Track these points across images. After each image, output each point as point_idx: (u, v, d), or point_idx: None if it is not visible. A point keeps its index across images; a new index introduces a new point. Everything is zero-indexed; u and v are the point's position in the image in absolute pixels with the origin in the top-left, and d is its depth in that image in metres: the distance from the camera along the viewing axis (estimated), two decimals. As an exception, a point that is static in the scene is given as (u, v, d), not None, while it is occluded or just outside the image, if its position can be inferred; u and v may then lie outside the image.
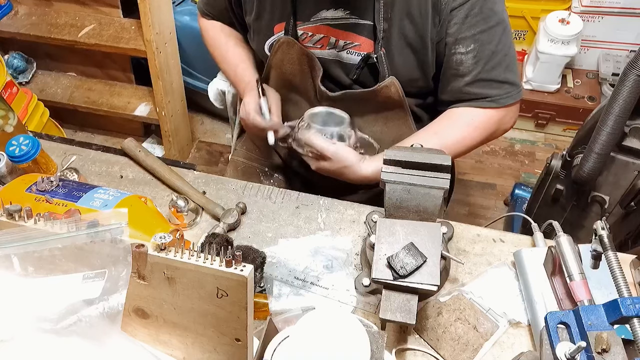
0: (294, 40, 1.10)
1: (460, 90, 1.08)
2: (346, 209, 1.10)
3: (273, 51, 1.14)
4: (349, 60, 1.10)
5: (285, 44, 1.12)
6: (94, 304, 0.69)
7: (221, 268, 0.66)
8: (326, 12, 1.05)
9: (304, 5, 1.07)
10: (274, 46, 1.13)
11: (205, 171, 1.21)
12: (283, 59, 1.15)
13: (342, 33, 1.07)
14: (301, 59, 1.13)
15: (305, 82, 1.17)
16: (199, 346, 0.76)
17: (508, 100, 1.07)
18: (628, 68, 1.15)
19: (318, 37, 1.09)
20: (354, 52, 1.09)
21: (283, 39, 1.11)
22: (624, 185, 1.35)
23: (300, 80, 1.17)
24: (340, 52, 1.09)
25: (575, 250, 0.86)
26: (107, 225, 0.70)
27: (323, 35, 1.08)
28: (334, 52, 1.10)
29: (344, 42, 1.08)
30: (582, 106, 2.39)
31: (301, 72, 1.15)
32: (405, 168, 0.89)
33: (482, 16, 1.00)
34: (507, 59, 1.05)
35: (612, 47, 2.44)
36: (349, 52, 1.09)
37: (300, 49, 1.11)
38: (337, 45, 1.09)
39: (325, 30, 1.08)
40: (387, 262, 0.82)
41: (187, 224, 1.08)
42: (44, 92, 2.32)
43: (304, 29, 1.09)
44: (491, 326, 0.90)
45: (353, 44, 1.07)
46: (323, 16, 1.06)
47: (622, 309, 0.64)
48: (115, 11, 2.12)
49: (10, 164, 1.10)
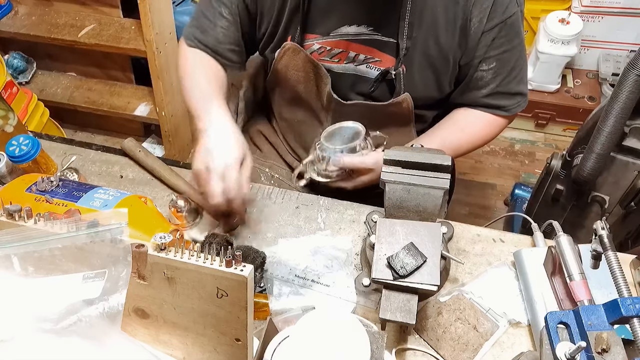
0: (299, 47, 1.09)
1: (476, 100, 1.14)
2: (346, 209, 1.10)
3: (278, 56, 1.13)
4: (367, 74, 1.11)
5: (291, 50, 1.11)
6: (94, 304, 0.69)
7: (221, 268, 0.66)
8: (348, 28, 1.06)
9: (324, 21, 1.07)
10: (280, 52, 1.12)
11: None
12: (288, 64, 1.14)
13: (364, 48, 1.08)
14: (306, 66, 1.12)
15: (309, 89, 1.16)
16: (199, 346, 0.76)
17: (517, 109, 1.15)
18: (628, 68, 1.15)
19: (337, 51, 1.09)
20: (374, 67, 1.10)
21: (289, 44, 1.10)
22: (624, 185, 1.35)
23: (304, 88, 1.17)
24: (359, 65, 1.10)
25: (575, 250, 0.86)
26: (107, 225, 0.70)
27: (342, 50, 1.09)
28: (352, 66, 1.11)
29: (365, 57, 1.09)
30: (582, 106, 2.39)
31: (306, 79, 1.15)
32: (405, 168, 0.89)
33: (508, 38, 1.04)
34: (521, 72, 1.11)
35: (612, 47, 2.45)
36: (368, 67, 1.10)
37: (306, 57, 1.10)
38: (356, 60, 1.09)
39: (345, 45, 1.08)
40: (387, 262, 0.82)
41: (187, 224, 1.08)
42: (44, 92, 2.32)
43: (322, 43, 1.09)
44: (491, 326, 0.90)
45: (374, 59, 1.08)
46: (344, 32, 1.06)
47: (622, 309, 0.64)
48: (115, 11, 2.11)
49: (10, 164, 1.10)
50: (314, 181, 1.12)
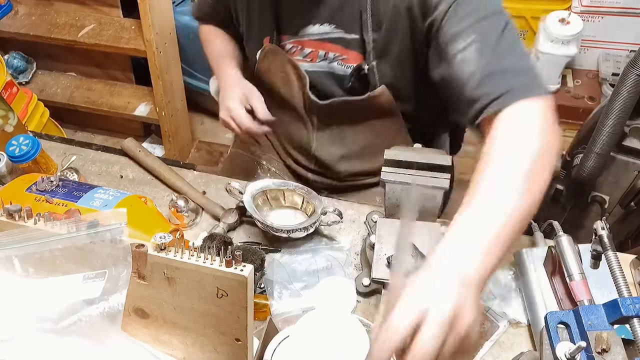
0: (278, 49, 1.09)
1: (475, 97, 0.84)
2: (346, 209, 1.09)
3: (259, 60, 1.14)
4: (341, 71, 1.08)
5: (271, 53, 1.11)
6: (94, 304, 0.69)
7: (221, 268, 0.66)
8: (313, 27, 1.04)
9: (290, 20, 1.06)
10: (260, 55, 1.13)
11: (205, 171, 1.22)
12: (269, 67, 1.14)
13: (331, 46, 1.05)
14: (286, 68, 1.12)
15: (291, 91, 1.15)
16: (199, 346, 0.76)
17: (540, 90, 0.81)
18: (628, 68, 1.15)
19: (307, 50, 1.08)
20: (344, 64, 1.07)
21: (268, 47, 1.10)
22: (624, 185, 1.35)
23: (287, 90, 1.16)
24: (332, 63, 1.08)
25: (575, 250, 0.86)
26: (107, 225, 0.70)
27: (312, 50, 1.07)
28: (325, 64, 1.09)
29: (334, 55, 1.06)
30: (582, 106, 2.39)
31: (287, 80, 1.14)
32: (405, 168, 0.89)
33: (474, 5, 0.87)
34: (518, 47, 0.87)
35: (612, 47, 2.44)
36: (339, 64, 1.07)
37: (285, 58, 1.09)
38: (327, 57, 1.07)
39: (314, 45, 1.07)
40: (387, 262, 0.82)
41: (187, 224, 1.08)
42: (44, 92, 2.32)
43: (292, 43, 1.08)
44: (491, 326, 0.90)
45: (342, 56, 1.06)
46: (310, 31, 1.05)
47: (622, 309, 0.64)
48: (115, 11, 2.12)
49: (10, 164, 1.10)
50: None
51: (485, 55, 0.84)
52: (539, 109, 0.78)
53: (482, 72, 0.83)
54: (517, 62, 0.84)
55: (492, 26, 0.85)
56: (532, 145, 0.73)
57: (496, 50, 0.84)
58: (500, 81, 0.82)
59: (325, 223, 1.02)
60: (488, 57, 0.84)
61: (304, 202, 1.06)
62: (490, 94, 0.81)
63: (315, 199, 1.04)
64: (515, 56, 0.85)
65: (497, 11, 0.88)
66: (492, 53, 0.84)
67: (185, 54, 2.21)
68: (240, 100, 1.15)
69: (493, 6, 0.88)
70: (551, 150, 0.74)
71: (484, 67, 0.83)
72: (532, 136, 0.74)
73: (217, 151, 2.51)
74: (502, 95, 0.80)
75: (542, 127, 0.76)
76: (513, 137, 0.75)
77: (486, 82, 0.83)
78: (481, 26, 0.85)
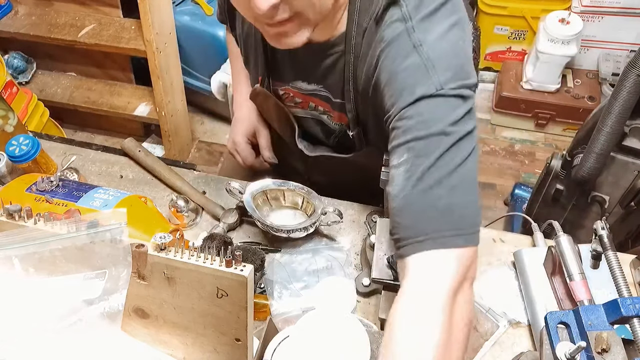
0: (268, 94, 1.06)
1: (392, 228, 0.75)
2: (346, 209, 1.09)
3: (251, 97, 1.12)
4: (329, 124, 1.06)
5: (262, 95, 1.09)
6: (94, 304, 0.69)
7: (221, 268, 0.66)
8: (301, 83, 1.01)
9: (282, 72, 1.04)
10: (252, 94, 1.11)
11: (205, 171, 1.22)
12: (262, 106, 1.15)
13: (319, 102, 1.03)
14: (278, 112, 1.10)
15: (284, 130, 1.15)
16: (199, 346, 0.76)
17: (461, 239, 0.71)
18: (628, 68, 1.15)
19: (298, 100, 1.06)
20: (332, 121, 1.05)
21: (258, 89, 1.07)
22: (624, 185, 1.35)
23: (279, 128, 1.17)
24: (321, 115, 1.06)
25: (575, 250, 0.86)
26: (107, 225, 0.70)
27: (302, 100, 1.06)
28: (316, 114, 1.07)
29: (322, 109, 1.04)
30: (582, 106, 2.39)
31: (279, 122, 1.14)
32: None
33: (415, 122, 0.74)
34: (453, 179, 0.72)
35: (612, 47, 2.45)
36: (328, 117, 1.05)
37: (276, 103, 1.08)
38: (317, 109, 1.05)
39: (304, 97, 1.05)
40: (387, 262, 0.82)
41: (187, 224, 1.08)
42: (44, 92, 2.32)
43: (285, 90, 1.06)
44: (491, 326, 0.90)
45: (329, 113, 1.03)
46: (299, 86, 1.02)
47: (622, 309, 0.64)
48: (115, 11, 2.11)
49: (10, 164, 1.10)
50: None
51: (410, 183, 0.73)
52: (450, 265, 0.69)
53: (403, 201, 0.73)
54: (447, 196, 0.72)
55: (429, 150, 0.73)
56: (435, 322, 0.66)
57: (423, 180, 0.72)
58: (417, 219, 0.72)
59: (325, 223, 1.02)
60: (412, 186, 0.73)
61: (304, 202, 1.06)
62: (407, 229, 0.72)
63: (315, 199, 1.04)
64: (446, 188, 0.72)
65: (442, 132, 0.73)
66: (418, 182, 0.72)
67: (185, 54, 2.21)
68: (247, 135, 1.20)
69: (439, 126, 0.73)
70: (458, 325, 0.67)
71: (405, 195, 0.73)
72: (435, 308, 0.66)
73: (217, 151, 2.51)
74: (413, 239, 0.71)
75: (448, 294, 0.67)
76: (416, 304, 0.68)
77: (403, 215, 0.73)
78: (416, 147, 0.73)
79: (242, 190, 1.03)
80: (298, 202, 1.07)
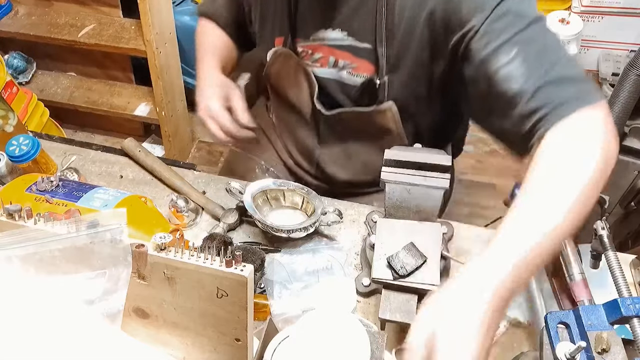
0: (291, 53, 1.07)
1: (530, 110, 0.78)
2: (346, 209, 1.09)
3: (270, 62, 1.11)
4: (350, 81, 1.04)
5: (283, 56, 1.08)
6: (94, 304, 0.69)
7: (221, 268, 0.66)
8: (324, 32, 1.01)
9: (303, 24, 1.04)
10: (272, 57, 1.10)
11: (205, 171, 1.22)
12: (280, 70, 1.12)
13: (341, 53, 1.02)
14: (298, 73, 1.09)
15: (300, 97, 1.13)
16: (199, 346, 0.76)
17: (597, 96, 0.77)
18: (628, 68, 1.15)
19: (317, 55, 1.05)
20: (355, 73, 1.03)
21: (280, 50, 1.08)
22: (624, 185, 1.35)
23: (295, 94, 1.14)
24: (341, 71, 1.04)
25: (575, 250, 0.86)
26: (107, 225, 0.70)
27: (322, 55, 1.05)
28: (334, 72, 1.05)
29: (344, 63, 1.03)
30: (582, 106, 2.39)
31: (297, 86, 1.12)
32: (405, 168, 0.89)
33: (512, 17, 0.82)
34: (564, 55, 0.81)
35: (612, 47, 2.45)
36: (349, 73, 1.04)
37: (298, 63, 1.07)
38: (337, 65, 1.04)
39: (325, 50, 1.04)
40: (387, 262, 0.82)
41: (187, 224, 1.08)
42: (44, 92, 2.32)
43: (303, 47, 1.06)
44: (491, 326, 0.90)
45: (352, 65, 1.02)
46: (322, 36, 1.02)
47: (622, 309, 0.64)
48: (115, 11, 2.11)
49: (10, 164, 1.10)
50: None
51: (533, 67, 0.79)
52: (599, 117, 0.74)
53: (534, 85, 0.78)
54: (567, 69, 0.79)
55: (534, 36, 0.81)
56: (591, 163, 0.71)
57: (543, 61, 0.79)
58: (555, 91, 0.77)
59: (325, 223, 1.02)
60: (536, 68, 0.79)
61: (304, 202, 1.06)
62: (547, 104, 0.76)
63: (315, 199, 1.04)
64: (563, 63, 0.79)
65: (535, 18, 0.82)
66: (540, 64, 0.79)
67: (185, 54, 2.21)
68: (221, 99, 1.08)
69: (530, 14, 0.82)
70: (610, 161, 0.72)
71: (534, 79, 0.78)
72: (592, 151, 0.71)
73: (217, 151, 2.51)
74: (560, 105, 0.75)
75: (605, 137, 0.72)
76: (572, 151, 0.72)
77: (540, 94, 0.77)
78: (523, 38, 0.80)
79: (242, 190, 1.03)
80: (298, 202, 1.07)
